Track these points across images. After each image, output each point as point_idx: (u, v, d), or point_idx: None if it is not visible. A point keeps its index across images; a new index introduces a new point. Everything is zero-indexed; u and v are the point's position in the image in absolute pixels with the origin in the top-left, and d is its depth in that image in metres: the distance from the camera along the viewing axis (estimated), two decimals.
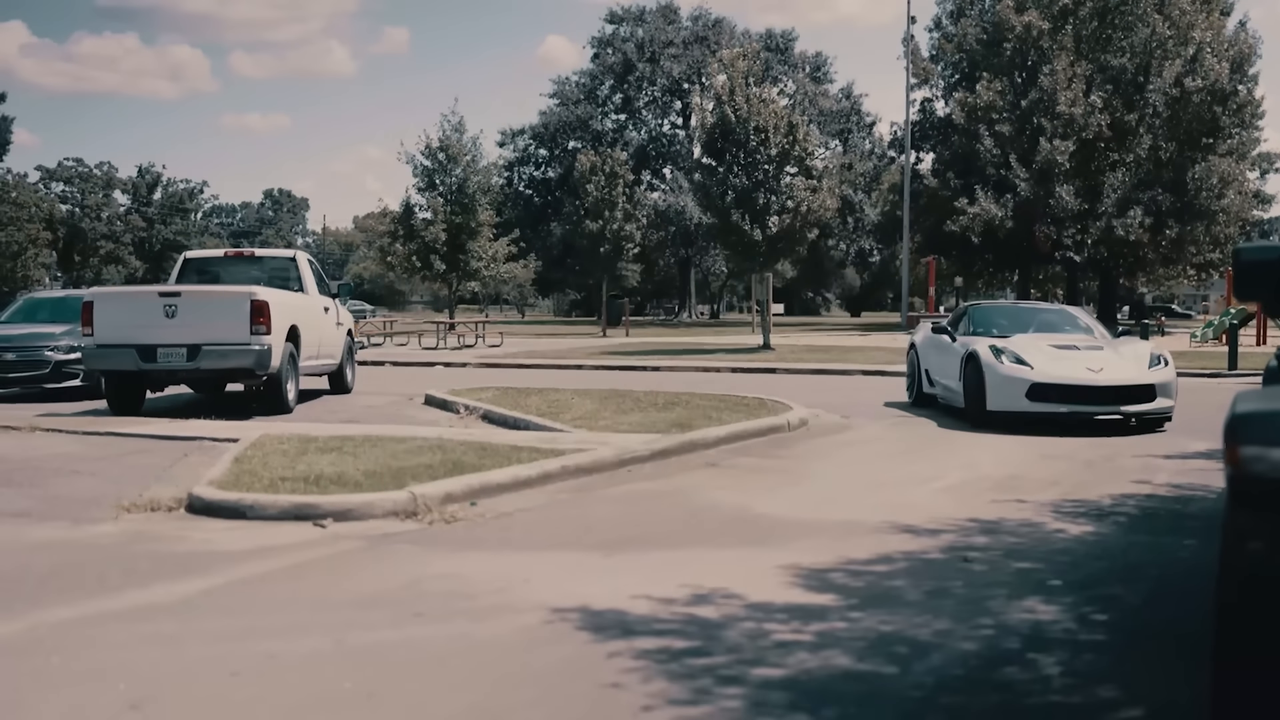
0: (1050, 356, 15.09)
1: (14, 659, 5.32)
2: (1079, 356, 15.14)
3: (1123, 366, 14.93)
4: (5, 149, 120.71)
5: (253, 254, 19.96)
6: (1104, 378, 14.63)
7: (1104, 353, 15.32)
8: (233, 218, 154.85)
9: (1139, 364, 15.05)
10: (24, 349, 19.40)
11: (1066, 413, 14.58)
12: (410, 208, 58.38)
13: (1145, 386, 14.72)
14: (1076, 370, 14.75)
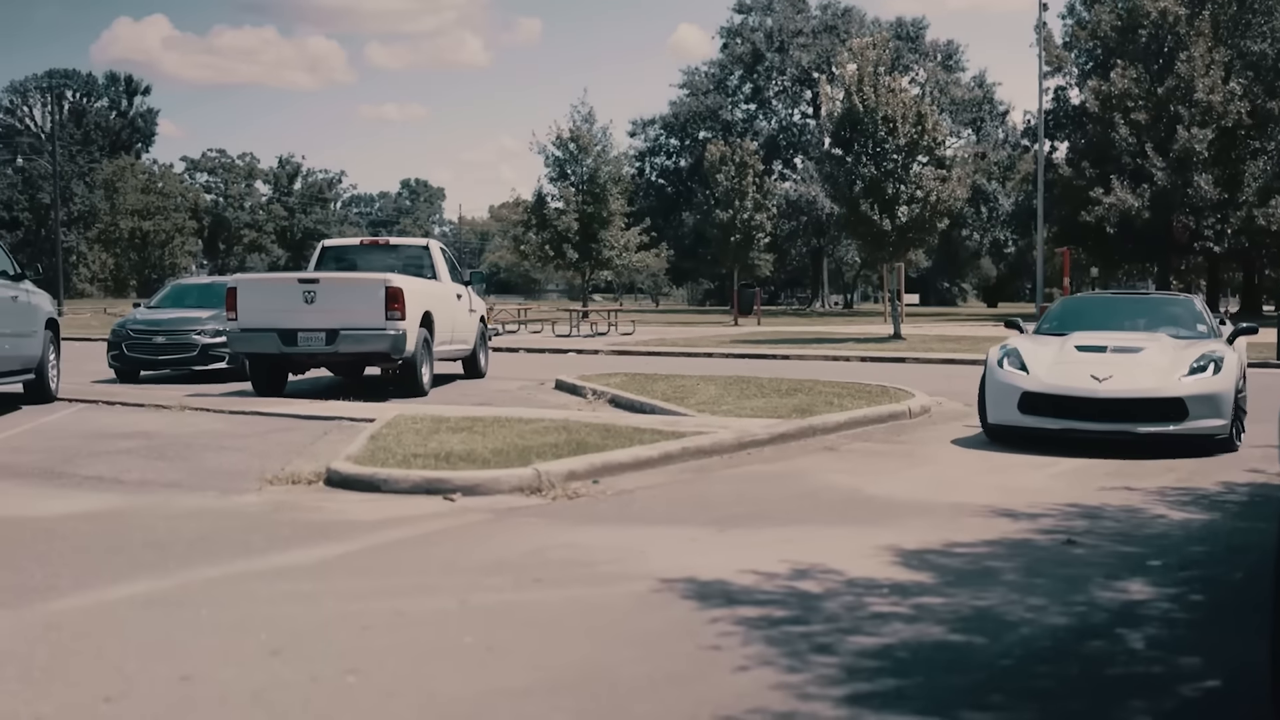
0: (1059, 360, 12.41)
1: (168, 610, 5.82)
2: (1093, 360, 12.29)
3: (1141, 374, 11.95)
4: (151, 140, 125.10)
5: (388, 242, 20.61)
6: (1108, 388, 11.75)
7: (1135, 356, 12.37)
8: (371, 207, 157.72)
9: (1170, 371, 11.93)
10: (173, 333, 20.31)
11: (1058, 430, 11.83)
12: (542, 197, 59.15)
13: (1170, 401, 11.67)
14: (1076, 377, 11.98)
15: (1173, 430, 11.63)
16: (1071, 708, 4.65)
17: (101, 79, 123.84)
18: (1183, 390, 11.68)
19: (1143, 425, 11.64)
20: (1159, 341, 12.82)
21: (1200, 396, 11.68)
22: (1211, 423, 11.70)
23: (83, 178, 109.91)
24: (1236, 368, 12.22)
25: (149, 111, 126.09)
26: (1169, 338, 13.04)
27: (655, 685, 4.74)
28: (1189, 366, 11.97)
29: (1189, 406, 11.61)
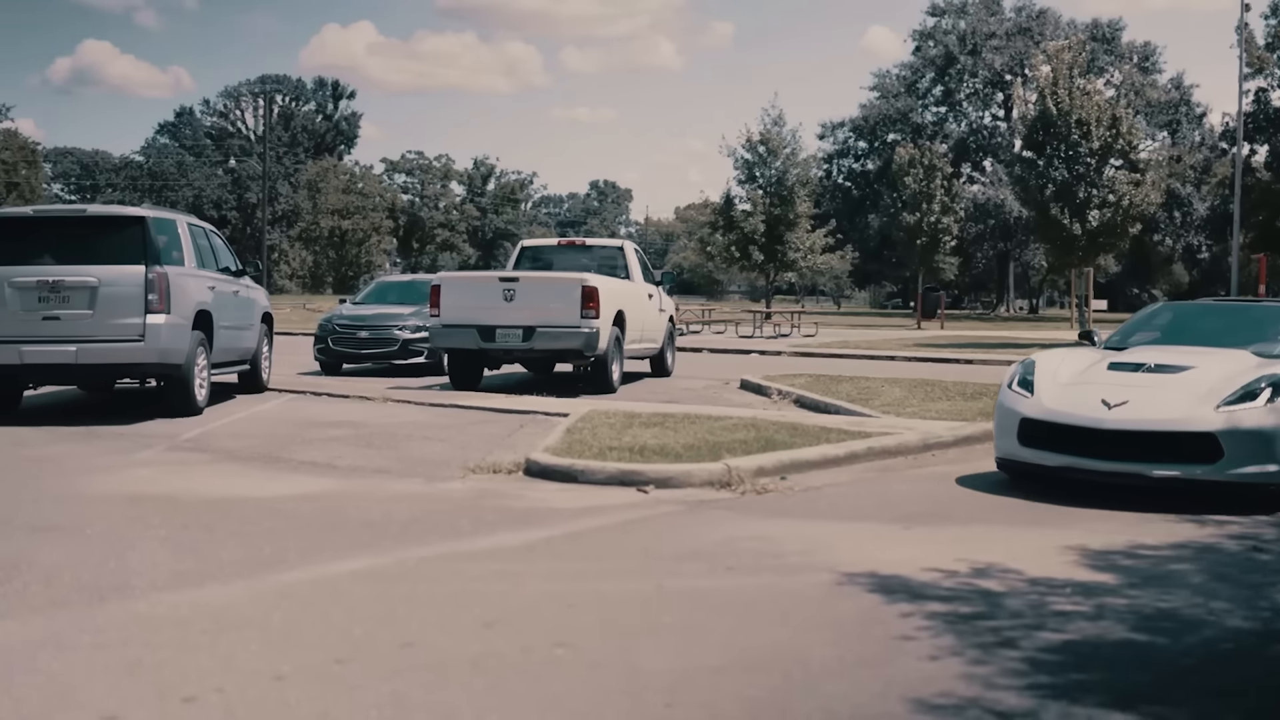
0: (1077, 379, 9.92)
1: (387, 585, 6.28)
2: (1118, 380, 9.69)
3: (1168, 400, 9.27)
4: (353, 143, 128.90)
5: (584, 243, 21.15)
6: (1117, 417, 9.15)
7: (1176, 376, 9.64)
8: (560, 208, 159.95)
9: (1207, 398, 9.14)
10: (376, 328, 21.15)
11: (1055, 468, 9.41)
12: (730, 199, 59.44)
13: (1197, 436, 8.93)
14: (1083, 402, 9.47)
15: (1201, 476, 8.86)
16: (1252, 705, 4.77)
17: (310, 84, 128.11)
18: (1216, 423, 8.88)
19: (1159, 467, 8.95)
20: (1229, 360, 9.88)
21: (1242, 432, 8.81)
22: (1259, 468, 8.78)
23: (288, 178, 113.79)
24: None
25: (353, 115, 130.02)
26: (1252, 355, 10.06)
27: (846, 667, 5.00)
28: (1236, 391, 9.10)
29: (1224, 444, 8.79)
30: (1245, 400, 9.03)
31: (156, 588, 6.17)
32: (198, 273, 14.67)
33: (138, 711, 4.43)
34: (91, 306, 13.39)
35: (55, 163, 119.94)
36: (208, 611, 5.74)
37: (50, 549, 7.04)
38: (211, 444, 11.87)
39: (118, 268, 13.48)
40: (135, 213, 14.08)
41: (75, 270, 13.46)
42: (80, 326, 13.38)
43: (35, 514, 8.19)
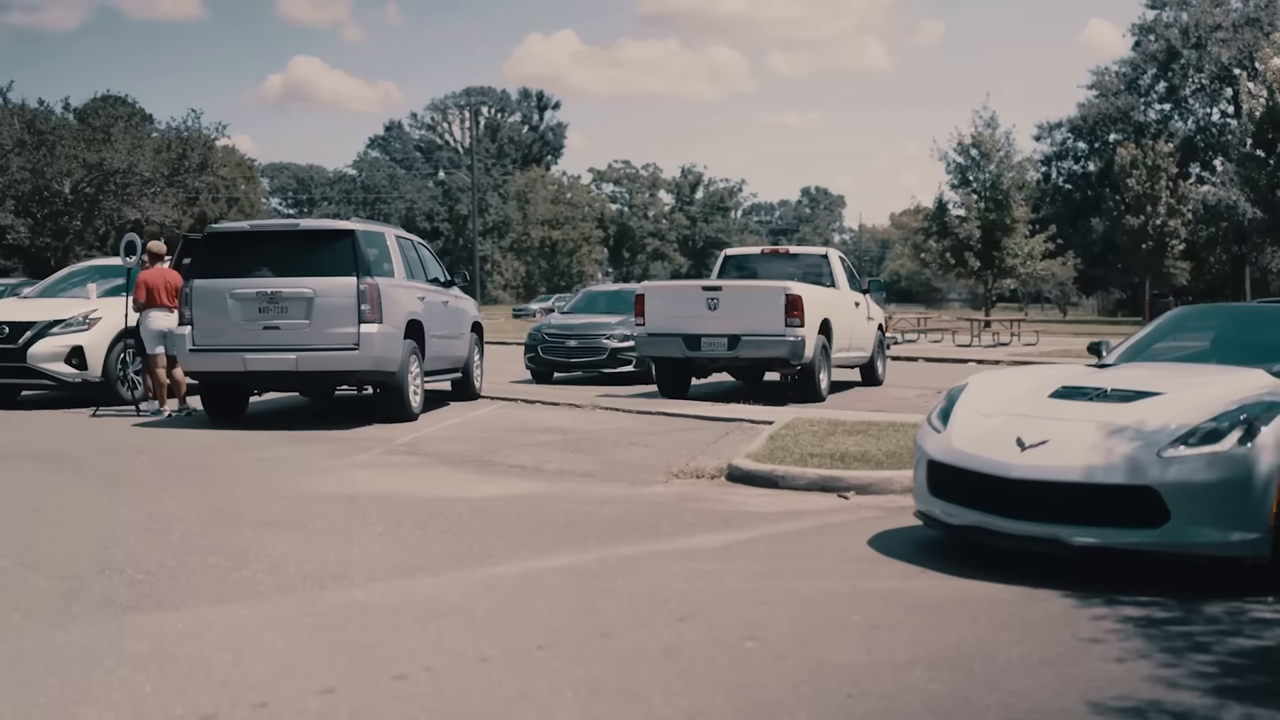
0: (1005, 409, 7.53)
1: (588, 580, 6.56)
2: (1052, 412, 7.35)
3: (1096, 441, 6.82)
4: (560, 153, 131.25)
5: (788, 251, 21.30)
6: (1030, 462, 6.80)
7: (1130, 406, 7.17)
8: (771, 215, 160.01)
9: (1154, 438, 6.64)
10: (585, 337, 21.64)
11: (961, 527, 7.11)
12: (943, 204, 58.73)
13: (1130, 491, 6.51)
14: (995, 441, 7.12)
15: (1138, 544, 6.45)
16: None
17: (515, 95, 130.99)
18: (1157, 472, 6.43)
19: (1082, 532, 6.54)
20: (1230, 382, 7.39)
21: (1197, 486, 6.35)
22: (1222, 535, 6.31)
23: (497, 189, 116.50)
24: None
25: (558, 125, 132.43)
26: (1269, 375, 7.57)
27: (1030, 666, 5.06)
28: (1193, 428, 6.62)
29: (1169, 502, 6.35)
30: (1205, 442, 6.47)
31: (372, 578, 6.58)
32: (407, 283, 15.26)
33: (354, 686, 4.78)
34: (308, 316, 14.06)
35: (272, 177, 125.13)
36: (419, 600, 6.11)
37: (275, 542, 7.53)
38: (425, 448, 12.38)
39: (331, 279, 14.12)
40: (345, 226, 14.74)
41: (292, 282, 14.15)
42: (298, 335, 14.06)
43: (262, 510, 8.72)
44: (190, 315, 14.29)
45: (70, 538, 7.73)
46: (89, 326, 16.76)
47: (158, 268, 15.76)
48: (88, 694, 4.68)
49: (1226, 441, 6.46)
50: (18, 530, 8.00)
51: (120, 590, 6.33)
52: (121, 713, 4.48)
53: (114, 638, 5.46)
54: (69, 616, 5.83)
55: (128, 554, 7.17)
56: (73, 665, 5.06)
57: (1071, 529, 6.59)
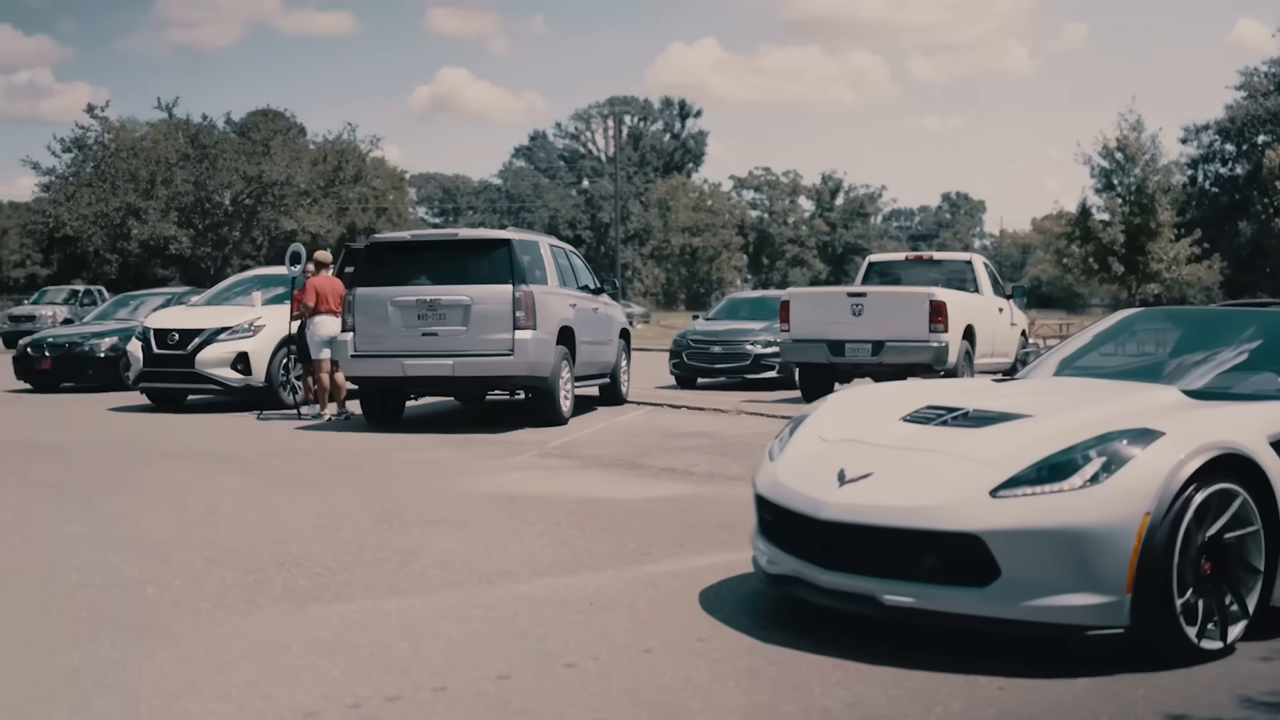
0: (847, 436, 6.14)
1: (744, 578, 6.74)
2: (888, 439, 5.97)
3: (927, 474, 5.47)
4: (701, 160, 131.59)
5: (931, 257, 21.31)
6: (843, 500, 5.50)
7: (974, 435, 5.75)
8: (910, 221, 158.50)
9: (993, 471, 5.27)
10: (729, 343, 21.88)
11: (778, 576, 5.89)
12: (1086, 209, 57.77)
13: (952, 538, 5.16)
14: (818, 473, 5.80)
15: (957, 608, 5.14)
16: None
17: (657, 104, 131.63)
18: (985, 517, 5.10)
19: (897, 589, 5.25)
20: (1115, 403, 5.96)
21: (1027, 535, 5.02)
22: (1058, 599, 4.99)
23: (638, 197, 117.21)
24: (1177, 466, 5.09)
25: (700, 133, 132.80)
26: (1179, 394, 6.14)
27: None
28: (1037, 463, 5.24)
29: (998, 554, 5.05)
30: (1048, 479, 5.12)
31: (536, 573, 6.88)
32: (560, 291, 15.63)
33: (526, 672, 5.06)
34: (465, 323, 14.48)
35: (419, 187, 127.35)
36: (582, 594, 6.39)
37: (441, 539, 7.87)
38: (577, 451, 12.71)
39: (487, 287, 14.52)
40: (501, 235, 15.15)
41: (449, 289, 14.59)
42: (455, 342, 14.49)
43: (425, 509, 9.09)
44: (352, 322, 14.81)
45: (249, 534, 8.16)
46: (254, 333, 17.46)
47: (324, 275, 16.34)
48: (279, 676, 5.02)
49: (1074, 479, 5.10)
50: (199, 526, 8.46)
51: (300, 582, 6.71)
52: (312, 693, 4.80)
53: (299, 626, 5.81)
54: (255, 606, 6.21)
55: (304, 549, 7.57)
56: (263, 650, 5.40)
57: (886, 584, 5.26)
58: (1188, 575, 5.10)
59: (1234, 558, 5.27)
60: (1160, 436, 5.22)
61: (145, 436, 14.49)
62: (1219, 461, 5.18)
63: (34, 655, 5.39)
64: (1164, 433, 5.25)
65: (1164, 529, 5.00)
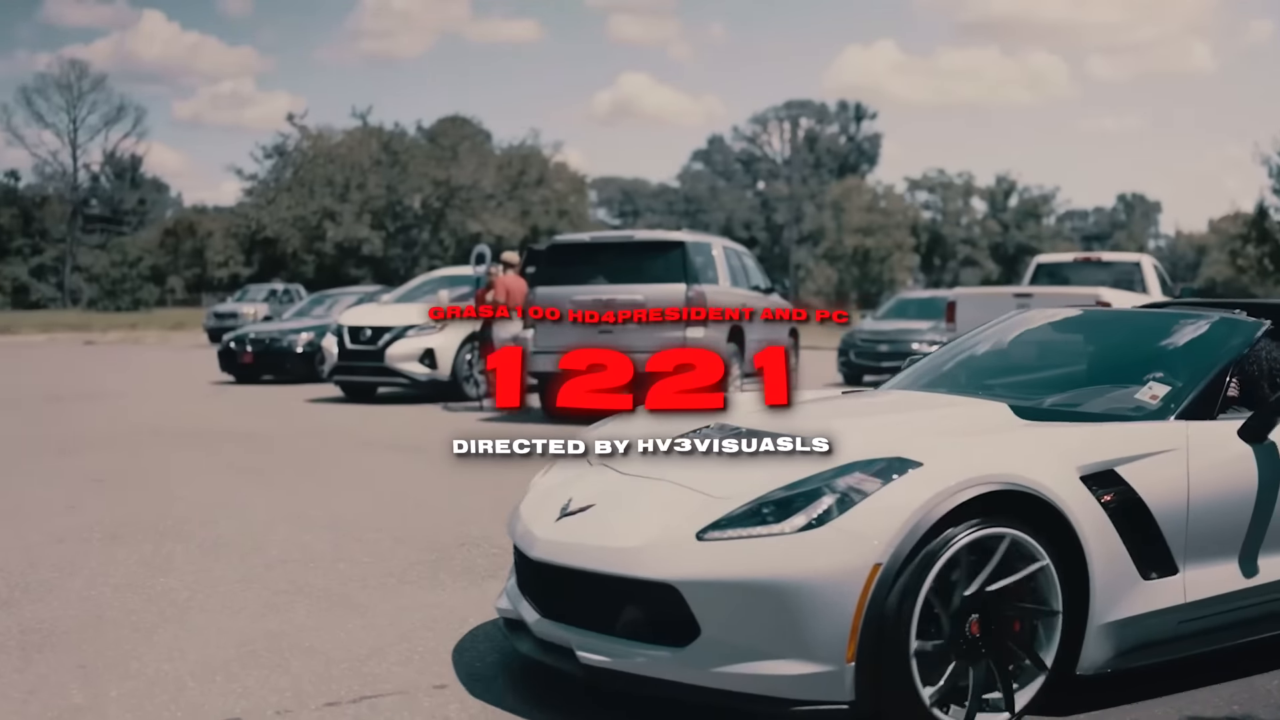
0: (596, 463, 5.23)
1: None
2: (632, 468, 4.97)
3: (646, 507, 4.59)
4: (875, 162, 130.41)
5: (1099, 258, 21.17)
6: (556, 536, 4.73)
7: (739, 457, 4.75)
8: (1084, 222, 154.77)
9: (712, 507, 4.40)
10: (895, 342, 22.06)
11: (509, 623, 5.11)
12: (1264, 209, 56.02)
13: (648, 588, 4.31)
14: (547, 504, 5.04)
15: (649, 670, 4.32)
16: None
17: (832, 106, 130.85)
18: (686, 564, 4.27)
19: (596, 644, 4.47)
20: (918, 419, 5.20)
21: (730, 588, 4.18)
22: (764, 665, 4.16)
23: (812, 199, 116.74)
24: (925, 505, 4.21)
25: (875, 135, 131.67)
26: (1007, 412, 5.18)
27: None
28: (763, 499, 4.36)
29: (696, 609, 4.23)
30: (768, 519, 4.26)
31: None
32: (731, 290, 16.07)
33: None
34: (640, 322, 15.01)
35: (600, 190, 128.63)
36: None
37: None
38: None
39: (661, 286, 15.02)
40: (675, 237, 15.68)
41: (625, 289, 15.12)
42: (630, 339, 15.00)
43: None
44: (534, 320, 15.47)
45: (433, 516, 8.70)
46: (440, 330, 18.32)
47: (510, 275, 17.07)
48: (458, 644, 5.51)
49: (796, 519, 4.21)
50: (389, 510, 9.04)
51: (478, 561, 7.22)
52: (488, 661, 5.28)
53: (476, 600, 6.26)
54: (436, 582, 6.71)
55: (482, 531, 8.07)
56: (443, 622, 5.88)
57: (585, 639, 4.48)
58: (941, 639, 4.24)
59: (1018, 609, 4.39)
60: (914, 468, 4.30)
61: (338, 426, 15.30)
62: (996, 499, 4.31)
63: (237, 621, 5.95)
64: (921, 463, 4.32)
65: (902, 583, 4.10)
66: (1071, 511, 4.45)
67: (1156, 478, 4.72)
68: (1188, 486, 4.78)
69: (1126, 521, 4.61)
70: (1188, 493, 4.78)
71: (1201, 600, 4.81)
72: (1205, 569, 4.83)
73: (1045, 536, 4.41)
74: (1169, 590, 4.72)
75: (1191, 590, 4.77)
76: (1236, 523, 4.94)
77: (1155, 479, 4.72)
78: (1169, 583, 4.72)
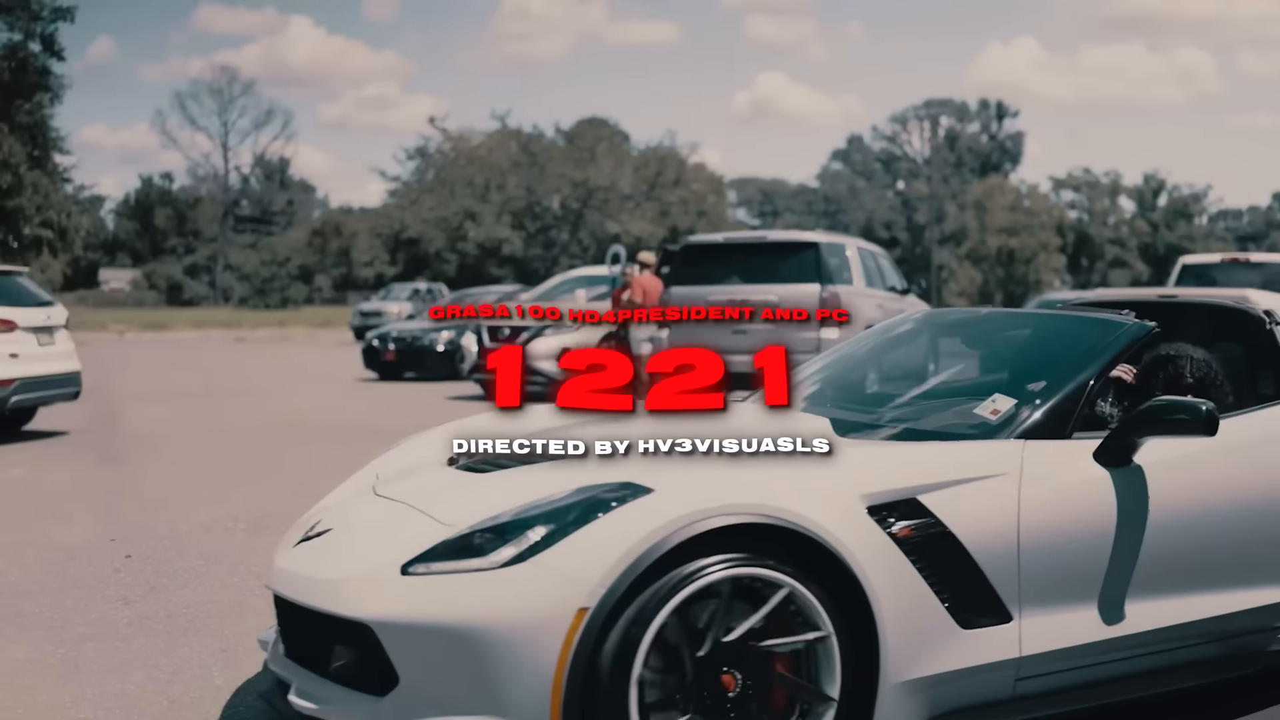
0: (371, 485, 4.65)
1: None
2: (390, 493, 4.41)
3: (369, 536, 4.08)
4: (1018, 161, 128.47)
5: (1248, 259, 20.66)
6: (285, 564, 4.22)
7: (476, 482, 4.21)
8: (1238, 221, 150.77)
9: (424, 538, 3.80)
10: None
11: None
12: None
13: (347, 629, 3.73)
14: (297, 530, 4.49)
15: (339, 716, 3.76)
16: None
17: (973, 105, 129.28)
18: (381, 602, 3.67)
19: (309, 687, 3.89)
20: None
21: (425, 632, 3.57)
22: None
23: (954, 199, 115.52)
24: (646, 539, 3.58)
25: (1017, 134, 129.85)
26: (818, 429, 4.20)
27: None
28: (475, 529, 3.77)
29: (394, 653, 3.62)
30: (477, 552, 3.68)
31: None
32: (866, 291, 16.02)
33: None
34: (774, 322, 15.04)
35: (738, 190, 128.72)
36: None
37: None
38: None
39: (795, 286, 15.04)
40: (809, 238, 15.72)
41: (759, 289, 15.16)
42: (764, 339, 15.04)
43: None
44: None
45: None
46: (578, 329, 18.52)
47: (647, 275, 17.23)
48: None
49: (502, 553, 3.63)
50: None
51: None
52: None
53: None
54: None
55: None
56: None
57: (303, 679, 3.96)
58: (680, 693, 3.61)
59: (785, 682, 3.74)
60: (640, 496, 3.69)
61: None
62: (762, 533, 3.69)
63: None
64: (651, 489, 3.71)
65: (620, 630, 3.51)
66: (846, 547, 3.71)
67: (974, 507, 3.96)
68: (1018, 517, 4.00)
69: (932, 560, 3.85)
70: (1018, 525, 4.00)
71: (1046, 653, 4.04)
72: (1050, 616, 4.05)
73: (825, 585, 3.71)
74: (999, 641, 3.96)
75: (1031, 641, 4.01)
76: (1090, 561, 4.15)
77: (972, 509, 3.95)
78: (999, 633, 3.96)
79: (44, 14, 32.21)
